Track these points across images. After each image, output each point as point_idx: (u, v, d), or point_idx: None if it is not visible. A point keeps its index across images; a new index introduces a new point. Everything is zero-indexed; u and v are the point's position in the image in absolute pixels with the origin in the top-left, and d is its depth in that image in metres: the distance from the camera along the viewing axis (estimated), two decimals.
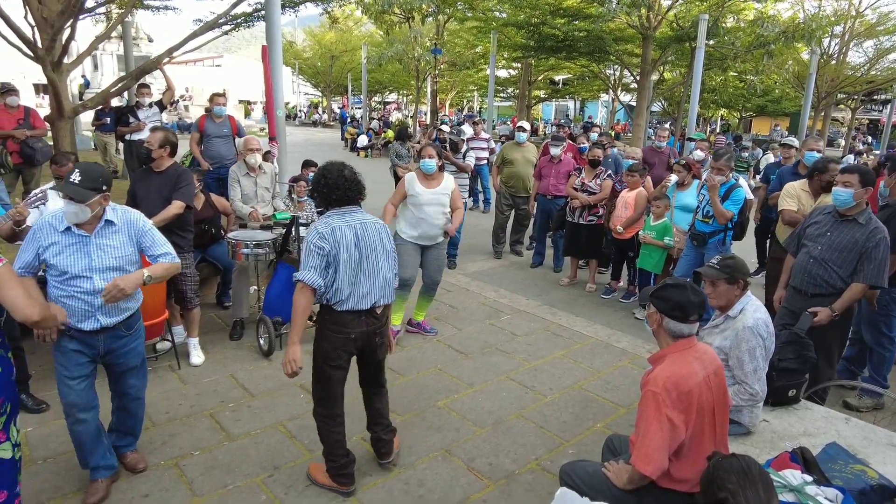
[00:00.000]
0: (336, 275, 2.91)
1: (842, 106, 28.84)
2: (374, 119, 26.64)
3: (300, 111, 46.03)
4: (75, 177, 2.68)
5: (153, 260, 3.00)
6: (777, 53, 17.57)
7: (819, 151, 5.61)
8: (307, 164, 7.60)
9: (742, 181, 5.73)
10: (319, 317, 3.05)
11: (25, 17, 6.87)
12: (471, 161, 8.17)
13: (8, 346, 2.59)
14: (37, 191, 3.71)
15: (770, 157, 11.82)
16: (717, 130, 35.20)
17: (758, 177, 9.91)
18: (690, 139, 10.08)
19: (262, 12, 7.88)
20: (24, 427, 3.60)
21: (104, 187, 2.76)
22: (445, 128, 10.91)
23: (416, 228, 4.90)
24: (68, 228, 2.76)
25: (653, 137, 9.82)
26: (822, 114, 24.06)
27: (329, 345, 2.98)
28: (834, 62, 22.07)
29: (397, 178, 9.93)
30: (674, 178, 5.98)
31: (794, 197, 4.88)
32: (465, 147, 8.19)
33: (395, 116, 31.45)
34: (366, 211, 3.14)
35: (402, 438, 3.66)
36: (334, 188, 2.99)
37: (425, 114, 28.85)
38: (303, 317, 2.93)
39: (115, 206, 2.91)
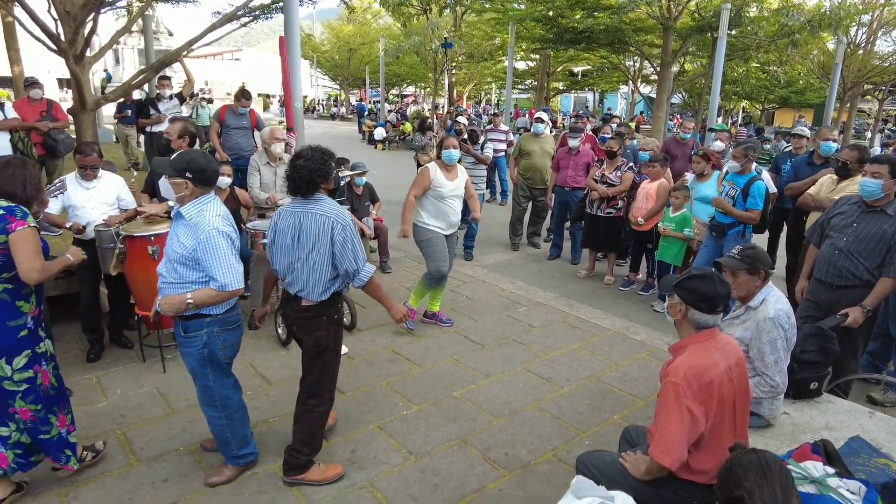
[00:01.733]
0: (272, 252, 3.07)
1: (868, 97, 28.20)
2: (391, 111, 26.65)
3: (317, 104, 46.21)
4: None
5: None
6: (802, 43, 17.19)
7: (834, 141, 5.54)
8: None
9: (765, 174, 5.65)
10: None
11: (49, 11, 6.98)
12: (489, 152, 8.15)
13: (25, 297, 2.72)
14: (57, 181, 3.78)
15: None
16: (739, 122, 34.60)
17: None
18: (711, 130, 9.93)
19: (281, 4, 7.90)
20: None
21: (187, 174, 2.72)
22: (463, 119, 10.87)
23: (441, 219, 4.96)
24: None
25: (674, 129, 9.68)
26: (848, 105, 23.52)
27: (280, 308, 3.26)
28: (861, 52, 21.54)
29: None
30: (690, 176, 5.93)
31: (817, 184, 4.96)
32: (482, 138, 8.16)
33: (411, 109, 31.43)
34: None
35: (417, 427, 3.68)
36: (290, 178, 2.93)
37: (442, 106, 28.81)
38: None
39: (206, 203, 2.79)
